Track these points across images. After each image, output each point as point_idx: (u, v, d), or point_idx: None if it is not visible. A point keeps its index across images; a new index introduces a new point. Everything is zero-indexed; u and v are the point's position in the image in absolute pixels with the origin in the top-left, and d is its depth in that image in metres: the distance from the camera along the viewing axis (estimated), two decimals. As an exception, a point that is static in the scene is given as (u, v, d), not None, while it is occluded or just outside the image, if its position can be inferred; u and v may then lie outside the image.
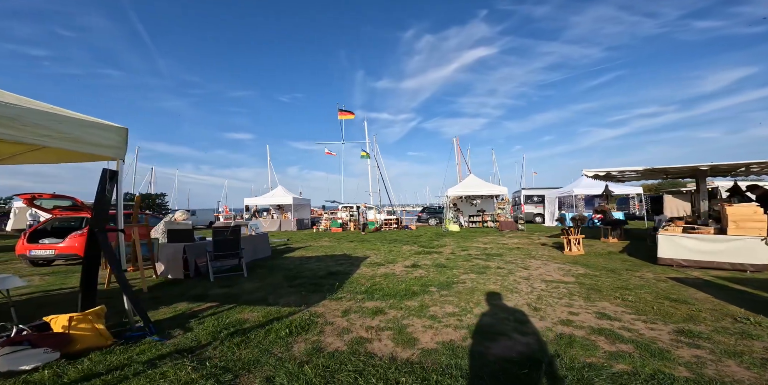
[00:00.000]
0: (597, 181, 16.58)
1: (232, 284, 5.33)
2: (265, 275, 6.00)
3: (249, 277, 5.85)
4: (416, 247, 9.57)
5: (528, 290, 4.59)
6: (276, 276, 5.92)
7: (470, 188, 15.93)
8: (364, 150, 26.24)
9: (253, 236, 7.65)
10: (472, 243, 10.10)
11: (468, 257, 7.40)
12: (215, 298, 4.55)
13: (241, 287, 5.14)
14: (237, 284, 5.33)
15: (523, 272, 5.77)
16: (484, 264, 6.54)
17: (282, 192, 18.48)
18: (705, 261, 5.32)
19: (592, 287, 4.60)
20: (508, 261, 6.81)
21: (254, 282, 5.47)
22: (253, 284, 5.37)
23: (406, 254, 8.13)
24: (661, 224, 8.53)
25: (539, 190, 19.22)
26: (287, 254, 8.83)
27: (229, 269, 6.30)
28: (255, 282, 5.46)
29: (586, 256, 7.20)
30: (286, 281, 5.51)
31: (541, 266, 6.25)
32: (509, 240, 10.79)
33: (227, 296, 4.67)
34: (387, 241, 11.44)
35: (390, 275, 5.73)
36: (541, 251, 8.27)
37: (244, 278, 5.73)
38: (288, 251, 9.59)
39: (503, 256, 7.51)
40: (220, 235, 5.48)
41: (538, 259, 7.04)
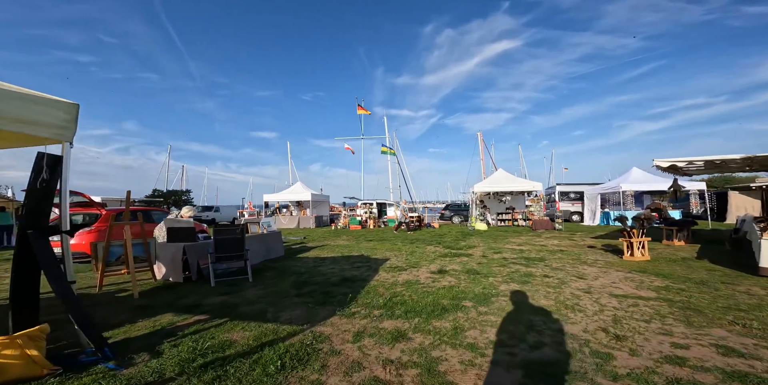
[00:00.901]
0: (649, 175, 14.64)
1: (234, 291, 4.67)
2: (273, 280, 5.31)
3: (254, 282, 5.19)
4: (441, 248, 8.59)
5: (595, 307, 3.53)
6: (284, 282, 5.22)
7: (499, 184, 14.60)
8: (385, 145, 25.41)
9: (265, 234, 7.04)
10: (505, 244, 8.95)
11: (503, 262, 6.33)
12: (208, 308, 3.89)
13: (242, 295, 4.46)
14: (239, 291, 4.67)
15: (578, 282, 4.65)
16: (526, 271, 5.46)
17: (300, 188, 18.07)
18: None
19: (687, 306, 3.45)
20: (555, 267, 5.69)
21: (258, 289, 4.78)
22: (256, 291, 4.68)
23: (430, 257, 7.18)
24: (745, 225, 6.97)
25: (577, 187, 17.43)
26: (301, 254, 8.17)
27: (235, 272, 5.69)
28: (259, 289, 4.78)
29: (655, 262, 5.90)
30: (294, 289, 4.77)
31: (599, 274, 5.09)
32: (547, 241, 9.51)
33: (223, 306, 3.99)
34: (408, 240, 10.53)
35: (413, 284, 4.83)
36: (592, 255, 7.01)
37: (248, 283, 5.08)
38: (303, 250, 8.95)
39: (546, 260, 6.37)
40: (223, 234, 4.84)
41: (591, 265, 5.85)
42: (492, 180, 15.23)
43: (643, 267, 5.52)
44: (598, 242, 9.03)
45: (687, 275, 4.84)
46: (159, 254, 5.03)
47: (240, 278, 5.34)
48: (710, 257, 6.08)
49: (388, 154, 25.73)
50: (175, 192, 22.52)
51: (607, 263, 6.03)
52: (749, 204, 14.07)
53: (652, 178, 13.90)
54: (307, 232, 15.06)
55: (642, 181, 13.85)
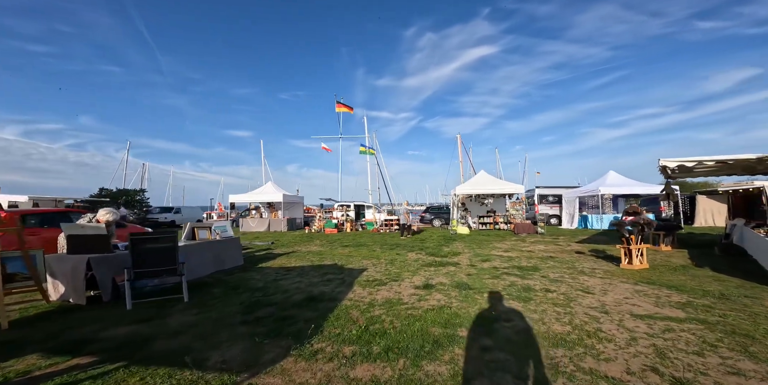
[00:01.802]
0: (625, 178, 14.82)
1: (156, 316, 3.54)
2: (217, 299, 4.21)
3: (191, 302, 4.06)
4: (424, 255, 7.78)
5: (624, 335, 2.81)
6: (231, 302, 4.13)
7: (481, 186, 14.15)
8: (363, 145, 24.53)
9: (217, 241, 5.85)
10: (491, 251, 8.31)
11: (495, 272, 5.61)
12: (104, 345, 2.77)
13: (166, 322, 3.35)
14: (164, 316, 3.54)
15: (587, 297, 3.98)
16: (523, 284, 4.75)
17: (272, 188, 16.63)
18: None
19: (732, 331, 2.82)
20: (554, 279, 5.03)
21: (192, 312, 3.68)
22: (188, 315, 3.58)
23: (413, 266, 6.33)
24: (735, 230, 6.79)
25: (555, 190, 17.45)
26: (264, 264, 7.02)
27: (169, 289, 4.51)
28: (193, 313, 3.67)
29: (655, 271, 5.42)
30: (242, 312, 3.72)
31: (606, 287, 4.47)
32: (533, 246, 9.01)
33: (129, 340, 2.89)
34: (388, 246, 9.65)
35: (395, 304, 3.93)
36: (585, 262, 6.49)
37: (182, 305, 3.95)
38: (267, 258, 7.79)
39: (540, 270, 5.72)
40: (144, 244, 3.68)
41: (591, 275, 5.26)
42: (474, 182, 14.77)
43: (647, 277, 5.00)
44: (585, 247, 8.64)
45: (700, 286, 4.33)
46: (54, 269, 3.76)
47: (174, 297, 4.18)
48: (709, 265, 5.71)
49: (368, 155, 24.87)
50: (127, 191, 20.13)
51: (606, 272, 5.48)
52: (716, 208, 14.60)
53: (628, 182, 14.05)
54: (277, 236, 13.75)
55: (618, 184, 13.96)
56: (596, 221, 14.16)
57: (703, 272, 5.25)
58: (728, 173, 6.22)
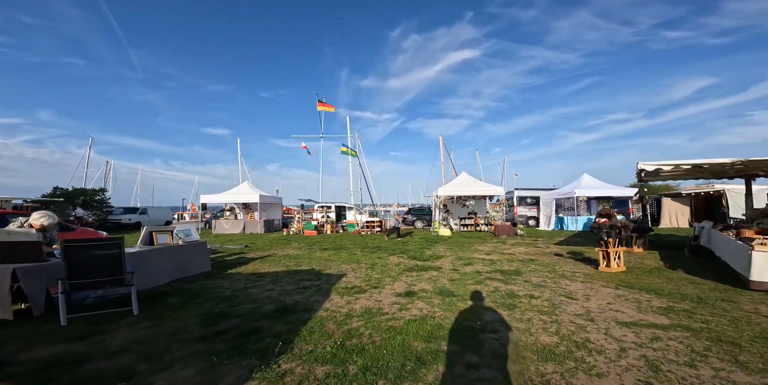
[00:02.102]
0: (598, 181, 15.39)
1: (95, 332, 3.07)
2: (174, 311, 3.76)
3: (141, 315, 3.60)
4: (405, 258, 7.56)
5: (613, 345, 2.69)
6: (190, 313, 3.70)
7: (462, 187, 14.18)
8: (345, 145, 24.08)
9: (179, 246, 5.33)
10: (473, 253, 8.23)
11: (478, 277, 5.47)
12: (23, 369, 2.31)
13: (105, 340, 2.91)
14: (106, 331, 3.09)
15: (571, 304, 3.89)
16: (507, 289, 4.62)
17: (247, 188, 15.85)
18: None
19: (717, 337, 2.77)
20: (537, 284, 4.95)
21: (141, 327, 3.23)
22: (135, 331, 3.14)
23: (395, 271, 6.08)
24: (704, 233, 7.07)
25: (533, 192, 17.86)
26: (234, 269, 6.53)
27: (117, 300, 3.99)
28: (142, 327, 3.23)
29: (632, 274, 5.48)
30: (202, 325, 3.32)
31: (588, 292, 4.42)
32: (514, 249, 9.04)
33: (54, 363, 2.44)
34: (369, 248, 9.36)
35: (375, 314, 3.66)
36: (565, 265, 6.51)
37: (129, 319, 3.48)
38: (239, 263, 7.28)
39: (523, 274, 5.65)
40: (81, 251, 3.18)
41: (572, 279, 5.24)
42: (455, 184, 14.79)
43: (626, 280, 5.02)
44: (563, 250, 8.76)
45: (677, 290, 4.37)
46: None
47: (121, 309, 3.69)
48: (681, 267, 5.87)
49: (349, 156, 24.45)
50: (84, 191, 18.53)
51: (586, 275, 5.48)
52: (680, 210, 15.46)
53: (601, 185, 14.58)
54: (252, 238, 13.08)
55: (592, 187, 14.45)
56: (572, 222, 14.58)
57: (677, 274, 5.37)
58: (699, 177, 6.48)
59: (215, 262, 7.40)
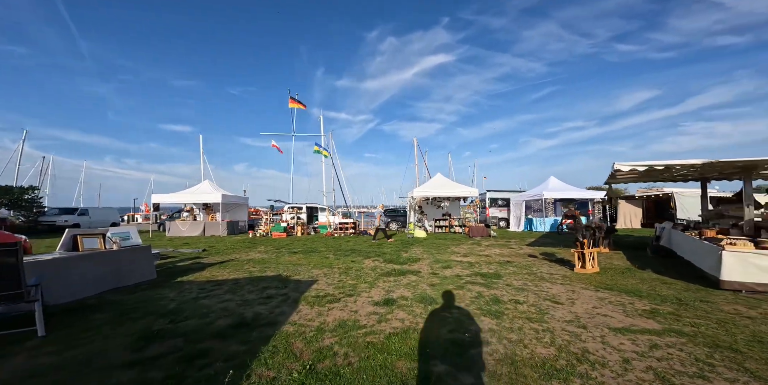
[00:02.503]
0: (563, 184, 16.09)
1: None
2: (94, 331, 3.02)
3: (50, 336, 2.84)
4: (382, 262, 7.14)
5: (615, 356, 2.47)
6: (116, 333, 3.00)
7: (438, 189, 14.10)
8: (318, 145, 23.24)
9: (112, 252, 4.47)
10: (450, 256, 8.02)
11: (459, 281, 5.19)
12: None
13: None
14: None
15: (558, 309, 3.70)
16: (490, 294, 4.37)
17: (208, 187, 14.52)
18: (792, 287, 3.84)
19: (713, 343, 2.66)
20: (519, 287, 4.76)
21: (47, 352, 2.51)
22: (40, 357, 2.43)
23: (371, 276, 5.64)
24: (665, 233, 7.44)
25: (504, 194, 18.33)
26: (187, 276, 5.71)
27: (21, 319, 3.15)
28: (49, 352, 2.52)
29: (607, 275, 5.51)
30: (129, 350, 2.66)
31: (571, 295, 4.29)
32: (489, 250, 8.99)
33: None
34: (342, 251, 8.82)
35: (351, 327, 3.19)
36: (542, 267, 6.47)
37: (33, 341, 2.71)
38: (192, 269, 6.42)
39: (503, 277, 5.47)
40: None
41: (551, 281, 5.13)
42: (431, 185, 14.69)
43: (603, 282, 5.00)
44: (536, 250, 8.84)
45: (654, 291, 4.38)
46: None
47: (25, 330, 2.89)
48: (650, 267, 6.03)
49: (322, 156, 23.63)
50: (10, 189, 15.95)
51: (564, 277, 5.42)
52: (633, 211, 16.61)
53: (566, 187, 15.25)
54: (212, 241, 11.94)
55: (559, 189, 15.05)
56: (540, 223, 15.07)
57: (648, 274, 5.48)
58: (659, 179, 6.80)
59: (163, 269, 6.48)
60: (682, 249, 6.01)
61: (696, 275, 5.11)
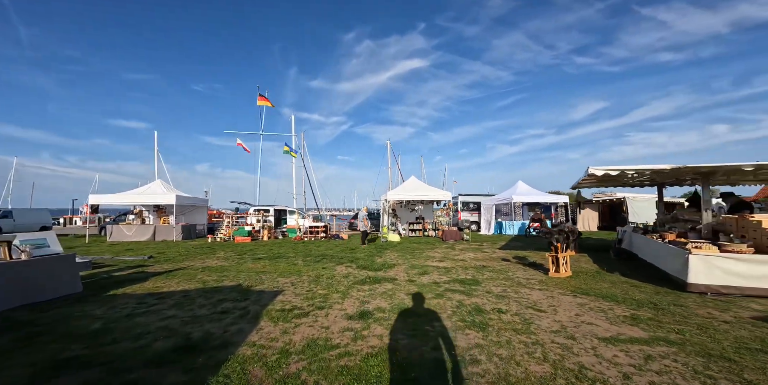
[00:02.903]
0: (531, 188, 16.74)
1: None
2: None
3: None
4: (355, 268, 6.70)
5: (612, 371, 2.28)
6: (13, 363, 2.30)
7: (412, 192, 13.96)
8: (288, 145, 22.21)
9: (19, 263, 3.60)
10: (426, 260, 7.78)
11: (437, 289, 4.92)
12: None
13: None
14: None
15: (542, 317, 3.53)
16: (471, 303, 4.14)
17: (159, 188, 13.04)
18: (751, 287, 4.03)
19: (703, 351, 2.59)
20: (499, 294, 4.58)
21: None
22: None
23: (343, 284, 5.18)
24: (626, 236, 7.81)
25: (475, 197, 18.70)
26: (122, 289, 4.85)
27: None
28: None
29: (579, 279, 5.56)
30: None
31: (551, 302, 4.17)
32: (464, 254, 8.90)
33: None
34: (312, 257, 8.24)
35: (322, 347, 2.75)
36: (517, 271, 6.43)
37: None
38: (132, 280, 5.52)
39: (481, 283, 5.29)
40: None
41: (529, 287, 5.04)
42: (404, 188, 14.51)
43: (578, 286, 5.00)
44: (508, 254, 8.90)
45: (628, 295, 4.41)
46: None
47: None
48: (617, 269, 6.21)
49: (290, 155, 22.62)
50: None
51: (540, 282, 5.37)
52: (591, 215, 17.70)
53: (534, 191, 15.86)
54: (164, 247, 10.68)
55: (527, 193, 15.60)
56: (509, 227, 15.48)
57: (617, 277, 5.61)
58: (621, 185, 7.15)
59: (93, 280, 5.52)
60: (643, 252, 6.27)
61: (660, 277, 5.30)
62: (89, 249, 10.25)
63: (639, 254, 6.70)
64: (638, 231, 7.11)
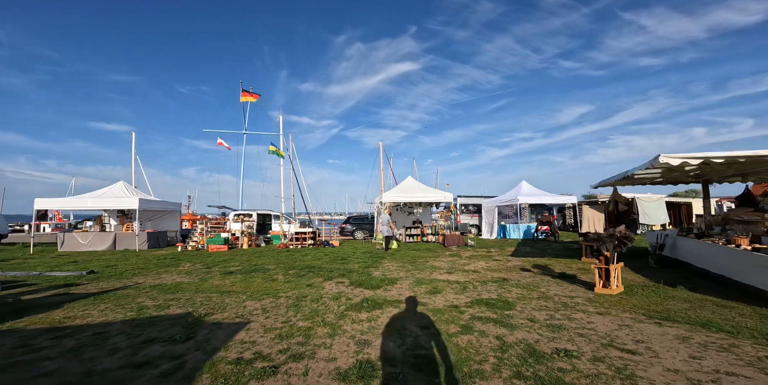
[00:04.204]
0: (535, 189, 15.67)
1: None
2: None
3: None
4: (348, 286, 5.34)
5: None
6: None
7: (410, 193, 12.69)
8: (274, 144, 20.76)
9: None
10: (432, 272, 6.48)
11: (459, 316, 3.62)
12: None
13: None
14: None
15: (639, 364, 2.27)
16: (517, 341, 2.85)
17: (121, 191, 11.33)
18: None
19: None
20: (548, 323, 3.31)
21: None
22: None
23: (333, 311, 3.82)
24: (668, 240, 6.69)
25: (475, 199, 17.56)
26: (18, 321, 3.36)
27: None
28: None
29: (638, 296, 4.34)
30: None
31: (634, 335, 2.92)
32: (474, 263, 7.64)
33: None
34: (296, 270, 6.83)
35: None
36: (548, 285, 5.19)
37: None
38: (41, 305, 4.02)
39: (514, 305, 4.02)
40: None
41: (580, 309, 3.79)
42: (402, 189, 13.24)
43: (648, 307, 3.78)
44: (525, 262, 7.68)
45: (732, 321, 3.20)
46: None
47: None
48: (676, 282, 5.01)
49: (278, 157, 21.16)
50: None
51: (590, 301, 4.13)
52: (596, 217, 16.72)
53: (539, 192, 14.80)
54: (121, 258, 9.04)
55: (533, 194, 14.53)
56: (513, 230, 14.35)
57: (684, 293, 4.41)
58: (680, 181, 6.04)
59: None
60: (704, 261, 5.14)
61: (738, 290, 4.15)
62: (25, 262, 8.55)
63: (693, 262, 5.57)
64: (683, 234, 6.00)
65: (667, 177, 6.12)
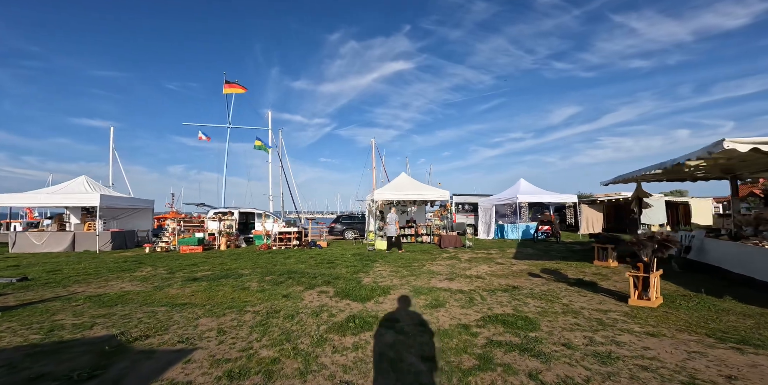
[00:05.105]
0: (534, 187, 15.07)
1: None
2: None
3: None
4: (332, 296, 4.45)
5: None
6: None
7: (403, 191, 11.86)
8: (260, 139, 19.65)
9: None
10: (430, 279, 5.65)
11: (472, 340, 2.80)
12: None
13: None
14: None
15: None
16: (557, 381, 2.03)
17: (81, 186, 10.08)
18: None
19: None
20: (590, 351, 2.52)
21: None
22: None
23: (310, 334, 2.94)
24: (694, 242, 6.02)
25: (471, 198, 16.87)
26: None
27: None
28: None
29: (684, 310, 3.60)
30: None
31: (715, 367, 2.14)
32: (475, 267, 6.85)
33: None
34: (274, 275, 5.90)
35: None
36: (569, 295, 4.43)
37: None
38: None
39: (537, 323, 3.22)
40: None
41: (622, 328, 3.02)
42: (395, 186, 12.40)
43: (703, 325, 3.03)
44: (532, 266, 6.93)
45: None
46: None
47: None
48: (721, 292, 4.30)
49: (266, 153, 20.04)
50: None
51: (630, 316, 3.37)
52: (595, 216, 16.24)
53: (538, 190, 14.18)
54: (73, 261, 7.91)
55: (533, 192, 13.90)
56: (512, 230, 13.68)
57: (733, 304, 3.70)
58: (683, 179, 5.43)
59: None
60: (746, 267, 4.44)
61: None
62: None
63: (729, 268, 4.87)
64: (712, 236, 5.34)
65: (694, 172, 5.46)
